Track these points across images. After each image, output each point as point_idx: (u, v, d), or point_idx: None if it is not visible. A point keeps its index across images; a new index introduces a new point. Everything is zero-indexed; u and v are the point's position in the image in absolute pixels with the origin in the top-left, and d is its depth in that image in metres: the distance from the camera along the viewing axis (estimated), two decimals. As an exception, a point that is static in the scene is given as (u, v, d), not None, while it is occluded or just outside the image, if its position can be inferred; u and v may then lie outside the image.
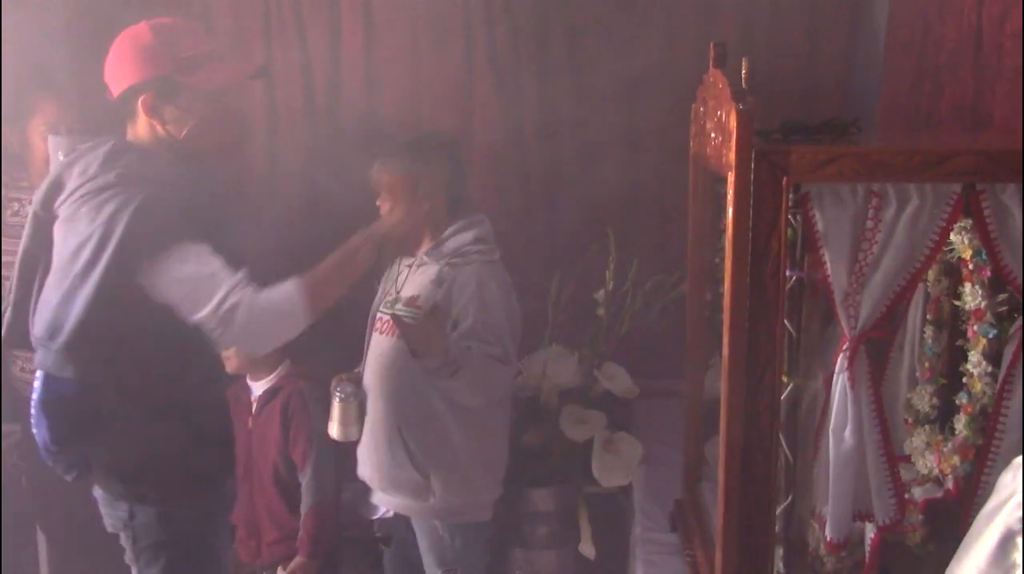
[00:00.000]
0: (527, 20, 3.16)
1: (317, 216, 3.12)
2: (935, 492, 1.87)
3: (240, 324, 2.00)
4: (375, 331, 2.64)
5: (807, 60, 3.14)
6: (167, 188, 2.02)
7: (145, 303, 1.99)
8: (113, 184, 2.02)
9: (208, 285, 2.00)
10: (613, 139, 3.19)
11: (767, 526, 1.72)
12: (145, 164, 2.08)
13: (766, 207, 1.62)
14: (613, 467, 2.88)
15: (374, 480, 2.63)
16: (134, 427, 2.06)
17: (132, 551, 2.18)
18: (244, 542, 2.87)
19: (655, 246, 3.17)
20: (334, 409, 2.60)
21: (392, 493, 2.61)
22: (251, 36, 3.19)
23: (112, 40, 2.12)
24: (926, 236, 1.65)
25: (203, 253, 2.01)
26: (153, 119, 2.12)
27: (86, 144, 2.16)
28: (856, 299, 1.68)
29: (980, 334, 1.76)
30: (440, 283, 2.51)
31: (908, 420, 1.93)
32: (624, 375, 3.06)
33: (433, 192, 2.53)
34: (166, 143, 2.14)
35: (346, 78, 3.21)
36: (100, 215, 1.99)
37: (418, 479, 2.54)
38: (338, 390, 2.60)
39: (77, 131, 2.84)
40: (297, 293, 2.06)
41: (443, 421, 2.52)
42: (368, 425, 2.60)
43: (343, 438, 2.62)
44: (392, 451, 2.55)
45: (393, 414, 2.55)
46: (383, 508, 2.69)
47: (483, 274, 2.49)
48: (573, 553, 2.97)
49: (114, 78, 2.15)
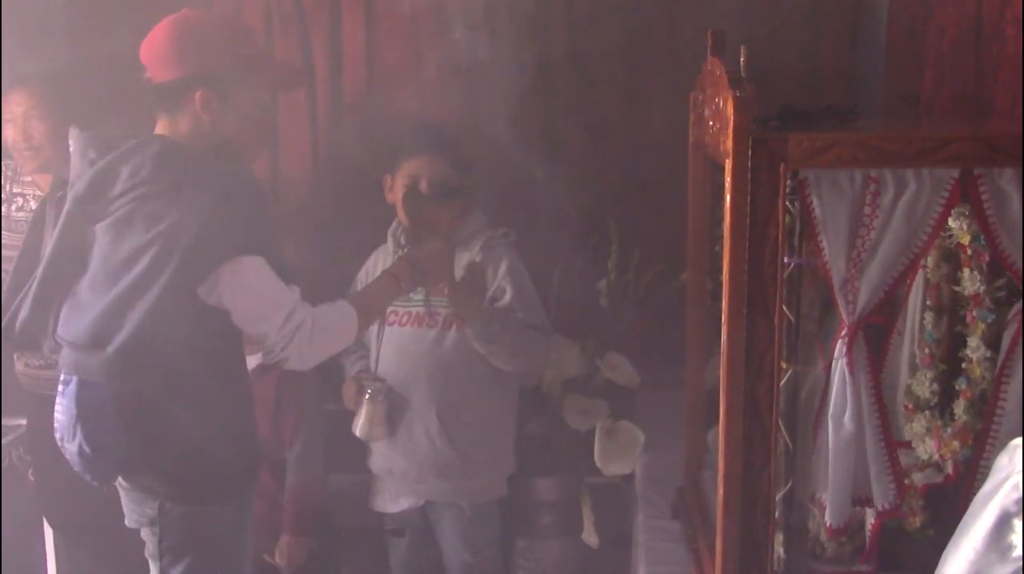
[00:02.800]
0: (528, 10, 3.16)
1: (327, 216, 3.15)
2: (935, 477, 1.87)
3: (301, 341, 2.04)
4: (393, 325, 2.68)
5: (808, 47, 3.13)
6: (225, 196, 1.98)
7: (199, 309, 1.98)
8: (169, 190, 1.97)
9: (270, 301, 2.02)
10: (614, 127, 3.20)
11: (767, 512, 1.73)
12: (201, 168, 2.02)
13: (764, 194, 1.62)
14: (616, 456, 2.88)
15: (409, 472, 2.67)
16: (175, 429, 2.03)
17: (157, 548, 2.13)
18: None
19: (657, 235, 3.17)
20: (363, 407, 2.61)
21: (428, 482, 2.65)
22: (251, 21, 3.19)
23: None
24: (924, 222, 1.65)
25: (262, 266, 2.00)
26: (205, 114, 2.05)
27: (127, 142, 2.06)
28: (854, 285, 1.69)
29: (979, 319, 1.76)
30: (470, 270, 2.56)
31: (908, 406, 1.93)
32: (626, 364, 3.06)
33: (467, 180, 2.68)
34: (210, 141, 2.07)
35: (348, 76, 3.20)
36: (160, 223, 1.94)
37: (455, 462, 2.64)
38: (369, 388, 2.61)
39: (100, 126, 2.86)
40: (352, 315, 2.11)
41: (475, 401, 2.65)
42: (402, 420, 2.64)
43: (368, 438, 2.64)
44: (430, 439, 2.63)
45: (431, 401, 2.62)
46: (410, 500, 2.72)
47: (511, 255, 2.68)
48: (576, 542, 2.98)
49: (165, 64, 2.05)
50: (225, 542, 2.16)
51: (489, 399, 2.69)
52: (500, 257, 2.67)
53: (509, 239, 2.74)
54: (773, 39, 3.10)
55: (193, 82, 2.04)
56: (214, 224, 1.95)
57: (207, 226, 1.94)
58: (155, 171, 1.99)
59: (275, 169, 3.26)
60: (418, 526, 2.78)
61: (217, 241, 1.95)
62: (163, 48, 2.05)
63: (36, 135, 2.88)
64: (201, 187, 1.97)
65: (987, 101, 2.20)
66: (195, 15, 2.09)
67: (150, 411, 2.01)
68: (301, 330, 2.03)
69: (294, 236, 3.08)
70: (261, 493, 2.79)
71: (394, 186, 2.70)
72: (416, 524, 2.78)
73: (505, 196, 3.08)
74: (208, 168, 2.03)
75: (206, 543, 2.12)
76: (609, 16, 3.14)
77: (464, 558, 2.72)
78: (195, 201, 1.95)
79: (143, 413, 2.01)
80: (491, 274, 2.64)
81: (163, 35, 2.06)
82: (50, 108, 2.86)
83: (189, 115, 2.07)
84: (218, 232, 1.95)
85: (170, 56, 2.05)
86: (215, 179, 2.00)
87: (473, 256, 2.64)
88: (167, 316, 1.94)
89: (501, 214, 2.80)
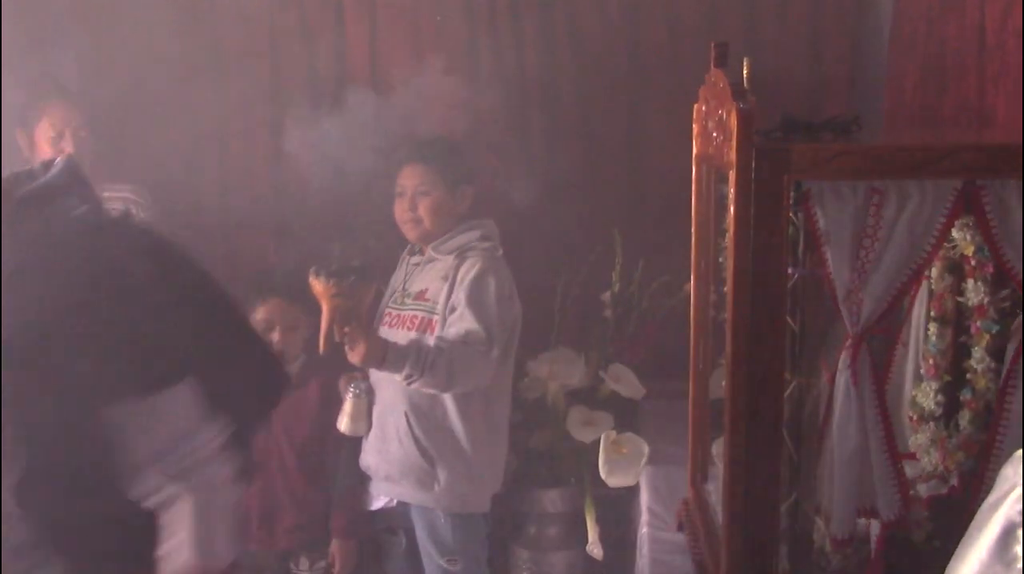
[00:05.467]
0: (531, 22, 3.17)
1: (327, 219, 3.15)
2: (940, 489, 1.87)
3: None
4: (385, 326, 2.74)
5: (811, 59, 3.15)
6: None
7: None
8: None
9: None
10: (618, 140, 3.20)
11: (772, 523, 1.73)
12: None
13: (768, 205, 1.62)
14: (620, 468, 2.88)
15: (380, 469, 2.70)
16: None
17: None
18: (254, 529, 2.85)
19: (661, 247, 3.17)
20: (347, 404, 2.72)
21: (397, 481, 2.68)
22: (258, 42, 3.21)
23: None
24: (927, 233, 1.65)
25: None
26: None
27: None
28: (858, 296, 1.69)
29: (983, 330, 1.77)
30: (446, 278, 2.64)
31: (913, 417, 1.93)
32: (631, 376, 3.06)
33: (459, 189, 2.68)
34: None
35: (352, 82, 3.22)
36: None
37: (424, 467, 2.64)
38: (352, 386, 2.71)
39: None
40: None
41: (446, 410, 2.64)
42: (376, 414, 2.71)
43: (352, 432, 2.73)
44: (399, 438, 2.65)
45: (399, 401, 2.64)
46: (384, 498, 2.73)
47: (483, 263, 2.64)
48: (581, 554, 2.98)
49: None
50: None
51: (462, 412, 2.64)
52: (472, 265, 2.63)
53: (495, 252, 2.70)
54: (776, 51, 3.11)
55: None
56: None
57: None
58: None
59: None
60: (408, 526, 2.79)
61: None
62: None
63: (72, 152, 2.84)
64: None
65: (989, 112, 2.21)
66: None
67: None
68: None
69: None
70: (294, 499, 2.81)
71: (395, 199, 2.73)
72: (405, 524, 2.79)
73: (508, 208, 3.09)
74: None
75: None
76: (613, 28, 3.16)
77: (439, 563, 2.69)
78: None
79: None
80: (457, 282, 2.62)
81: None
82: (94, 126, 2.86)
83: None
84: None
85: None
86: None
87: (448, 265, 2.65)
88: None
89: (503, 226, 2.80)
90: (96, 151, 2.90)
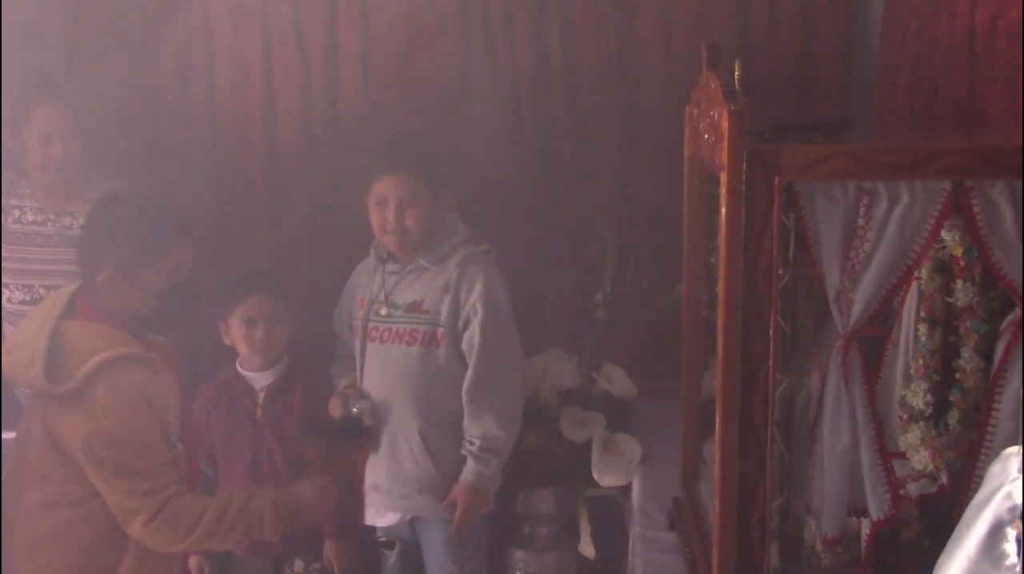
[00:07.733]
0: (523, 21, 3.17)
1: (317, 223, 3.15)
2: (929, 488, 1.88)
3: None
4: (374, 341, 2.68)
5: (802, 60, 3.15)
6: None
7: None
8: None
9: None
10: (610, 141, 3.21)
11: (763, 523, 1.73)
12: None
13: (758, 206, 1.63)
14: (613, 467, 2.88)
15: (393, 488, 2.66)
16: None
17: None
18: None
19: (652, 248, 3.18)
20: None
21: (414, 498, 2.65)
22: (250, 43, 3.20)
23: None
24: (917, 233, 1.67)
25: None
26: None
27: None
28: (848, 296, 1.70)
29: (972, 330, 1.78)
30: (447, 288, 2.56)
31: (902, 417, 1.94)
32: (623, 376, 3.06)
33: (441, 195, 2.63)
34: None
35: (345, 86, 3.21)
36: None
37: (439, 479, 2.63)
38: (355, 406, 2.64)
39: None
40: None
41: (459, 421, 2.63)
42: (386, 436, 2.64)
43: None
44: (414, 457, 2.62)
45: (414, 419, 2.62)
46: (397, 514, 2.72)
47: (487, 272, 2.63)
48: (573, 553, 2.98)
49: None
50: None
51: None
52: (476, 276, 2.61)
53: (489, 256, 2.69)
54: (767, 52, 3.12)
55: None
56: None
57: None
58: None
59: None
60: (407, 538, 2.78)
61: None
62: None
63: (61, 154, 2.84)
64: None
65: (979, 113, 2.22)
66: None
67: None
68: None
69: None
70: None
71: (368, 206, 2.65)
72: (405, 536, 2.78)
73: (499, 209, 3.10)
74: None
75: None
76: (604, 29, 3.16)
77: (450, 570, 2.71)
78: None
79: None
80: (464, 295, 2.60)
81: None
82: (84, 128, 2.83)
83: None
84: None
85: None
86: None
87: (449, 275, 2.61)
88: None
89: (495, 227, 2.80)
90: (85, 154, 2.89)
